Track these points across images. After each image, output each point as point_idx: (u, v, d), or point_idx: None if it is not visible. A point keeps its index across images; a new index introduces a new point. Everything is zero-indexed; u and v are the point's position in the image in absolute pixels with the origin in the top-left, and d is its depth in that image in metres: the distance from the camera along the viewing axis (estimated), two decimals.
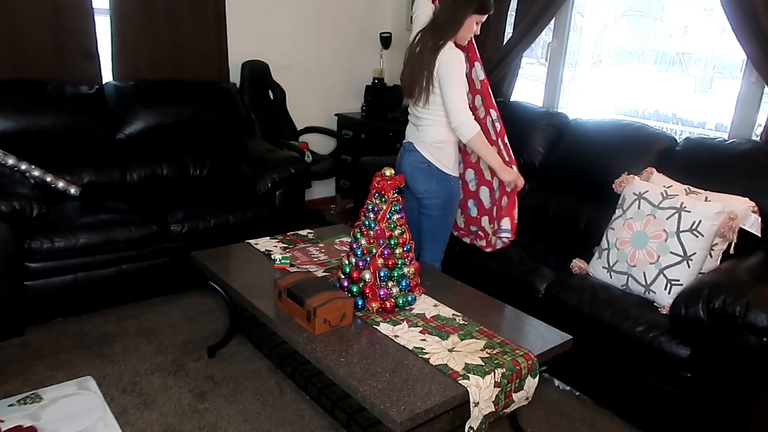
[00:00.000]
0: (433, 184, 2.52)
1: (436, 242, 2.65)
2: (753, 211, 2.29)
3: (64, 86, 3.13)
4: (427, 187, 2.53)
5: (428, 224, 2.61)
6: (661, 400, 2.11)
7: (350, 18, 4.50)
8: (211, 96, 3.59)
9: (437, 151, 2.49)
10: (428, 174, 2.52)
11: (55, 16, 3.15)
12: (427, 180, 2.52)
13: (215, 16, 3.69)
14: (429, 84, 2.38)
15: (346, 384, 1.65)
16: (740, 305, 1.84)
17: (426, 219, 2.61)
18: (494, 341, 1.87)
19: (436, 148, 2.49)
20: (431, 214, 2.58)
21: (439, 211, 2.58)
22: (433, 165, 2.50)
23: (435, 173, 2.51)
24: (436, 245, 2.66)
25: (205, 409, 2.22)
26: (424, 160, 2.50)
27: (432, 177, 2.51)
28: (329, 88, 4.56)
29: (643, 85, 3.48)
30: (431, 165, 2.50)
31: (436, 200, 2.55)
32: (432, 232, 2.63)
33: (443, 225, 2.64)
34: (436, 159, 2.50)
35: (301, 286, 1.96)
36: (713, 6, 3.09)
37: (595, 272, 2.48)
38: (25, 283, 2.54)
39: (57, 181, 2.84)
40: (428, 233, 2.63)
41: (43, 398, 2.16)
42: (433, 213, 2.58)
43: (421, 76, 2.39)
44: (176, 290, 3.05)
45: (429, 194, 2.54)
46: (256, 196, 3.21)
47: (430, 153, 2.50)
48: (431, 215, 2.59)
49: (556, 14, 3.43)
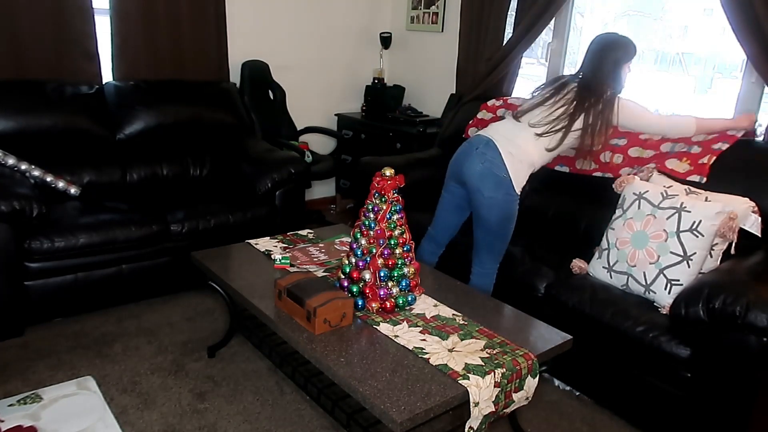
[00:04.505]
0: (501, 194, 2.39)
1: (493, 253, 2.52)
2: (753, 211, 2.29)
3: (64, 86, 3.13)
4: (493, 195, 2.39)
5: (485, 236, 2.49)
6: (661, 400, 2.11)
7: (350, 18, 4.50)
8: (211, 96, 3.59)
9: (519, 163, 2.39)
10: (500, 183, 2.38)
11: (55, 16, 3.15)
12: (497, 189, 2.38)
13: (215, 16, 3.69)
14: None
15: (346, 384, 1.65)
16: (740, 305, 1.84)
17: (482, 230, 2.49)
18: (494, 341, 1.87)
19: (520, 161, 2.39)
20: (489, 225, 2.45)
21: (498, 224, 2.45)
22: (509, 177, 2.37)
23: (506, 185, 2.38)
24: (493, 255, 2.53)
25: (205, 409, 2.22)
26: (504, 168, 2.37)
27: (502, 187, 2.38)
28: (329, 88, 4.56)
29: (643, 85, 3.48)
30: (508, 177, 2.37)
31: (496, 212, 2.41)
32: (490, 245, 2.50)
33: (502, 240, 2.50)
34: (515, 171, 2.39)
35: (301, 286, 1.96)
36: (713, 6, 3.09)
37: (595, 272, 2.48)
38: (25, 283, 2.54)
39: (57, 181, 2.84)
40: (486, 244, 2.50)
41: (43, 398, 2.16)
42: (492, 225, 2.45)
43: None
44: (176, 290, 3.05)
45: (492, 202, 2.39)
46: (256, 196, 3.21)
47: (513, 165, 2.38)
48: (489, 227, 2.46)
49: (556, 14, 3.43)
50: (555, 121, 2.43)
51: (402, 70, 4.66)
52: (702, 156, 2.50)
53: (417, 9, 4.43)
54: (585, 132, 2.44)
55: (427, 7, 4.35)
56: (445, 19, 4.23)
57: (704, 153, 2.50)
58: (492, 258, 2.54)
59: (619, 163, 2.73)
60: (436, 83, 4.34)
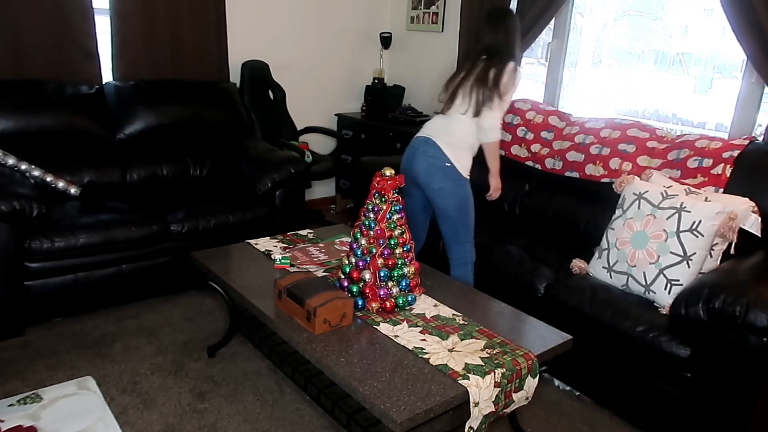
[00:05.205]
0: (449, 182, 2.56)
1: (461, 243, 2.65)
2: (753, 211, 2.29)
3: (64, 86, 3.13)
4: (442, 185, 2.56)
5: (448, 228, 2.64)
6: (661, 400, 2.11)
7: (350, 18, 4.50)
8: (211, 96, 3.59)
9: (458, 151, 2.56)
10: (445, 173, 2.55)
11: (55, 15, 3.15)
12: (444, 179, 2.56)
13: (215, 16, 3.69)
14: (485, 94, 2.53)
15: (346, 384, 1.65)
16: (740, 305, 1.84)
17: (445, 223, 2.64)
18: (494, 341, 1.87)
19: (458, 148, 2.56)
20: (449, 216, 2.61)
21: (456, 212, 2.60)
22: (453, 166, 2.54)
23: (452, 173, 2.55)
24: (462, 246, 2.66)
25: (205, 409, 2.22)
26: (445, 158, 2.54)
27: (448, 176, 2.55)
28: (329, 88, 4.56)
29: (643, 85, 3.48)
30: (452, 165, 2.54)
31: (451, 200, 2.58)
32: (455, 235, 2.64)
33: (464, 226, 2.64)
34: (457, 159, 2.55)
35: (301, 286, 1.96)
36: (713, 6, 3.09)
37: (595, 272, 2.48)
38: (25, 283, 2.54)
39: (57, 181, 2.84)
40: (452, 236, 2.65)
41: (43, 398, 2.16)
42: (451, 215, 2.60)
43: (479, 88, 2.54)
44: (176, 290, 3.05)
45: (443, 192, 2.57)
46: (256, 196, 3.21)
47: (453, 154, 2.55)
48: (449, 217, 2.61)
49: (556, 14, 3.43)
50: (475, 95, 2.54)
51: (402, 70, 4.66)
52: (714, 166, 2.49)
53: (417, 9, 4.43)
54: (487, 83, 2.52)
55: (427, 7, 4.35)
56: (445, 19, 4.23)
57: (716, 163, 2.49)
58: (461, 247, 2.66)
59: (629, 170, 2.73)
60: (437, 83, 4.30)
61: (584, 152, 2.91)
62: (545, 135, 3.13)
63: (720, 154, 2.50)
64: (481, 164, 2.67)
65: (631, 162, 2.74)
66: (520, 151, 3.20)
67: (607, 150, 2.84)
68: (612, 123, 2.95)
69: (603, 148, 2.85)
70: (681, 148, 2.62)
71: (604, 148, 2.85)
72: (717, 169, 2.47)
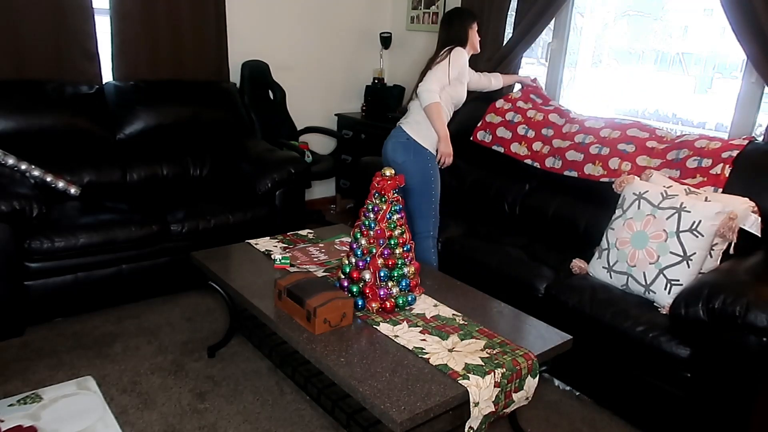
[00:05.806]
0: (411, 155, 2.78)
1: (424, 217, 2.84)
2: (753, 211, 2.29)
3: (64, 86, 3.13)
4: (404, 158, 2.79)
5: (413, 202, 2.80)
6: (661, 400, 2.11)
7: (350, 18, 4.50)
8: (211, 96, 3.59)
9: (417, 125, 2.80)
10: (406, 146, 2.80)
11: (55, 16, 3.15)
12: (405, 152, 2.80)
13: (215, 16, 3.69)
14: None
15: (346, 384, 1.65)
16: (740, 305, 1.84)
17: (410, 197, 2.79)
18: (494, 341, 1.88)
19: (416, 123, 2.80)
20: (413, 189, 2.77)
21: (420, 186, 2.78)
22: (411, 138, 2.78)
23: (413, 146, 2.78)
24: (425, 219, 2.85)
25: (205, 409, 2.22)
26: (405, 134, 2.80)
27: (409, 149, 2.79)
28: (329, 88, 4.56)
29: (643, 85, 3.48)
30: (410, 138, 2.79)
31: (415, 176, 2.75)
32: (419, 208, 2.83)
33: (427, 200, 2.82)
34: (416, 133, 2.78)
35: (301, 286, 1.96)
36: (713, 6, 3.09)
37: (595, 272, 2.48)
38: (25, 283, 2.54)
39: (57, 181, 2.84)
40: (416, 209, 2.83)
41: (43, 398, 2.16)
42: (415, 189, 2.77)
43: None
44: (176, 290, 3.05)
45: (406, 166, 2.75)
46: (256, 196, 3.21)
47: (411, 129, 2.80)
48: (414, 191, 2.77)
49: (556, 14, 3.43)
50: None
51: (402, 70, 4.66)
52: (713, 166, 2.49)
53: (417, 9, 4.43)
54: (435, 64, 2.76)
55: (427, 7, 4.35)
56: None
57: (715, 163, 2.49)
58: (425, 221, 2.85)
59: (628, 170, 2.73)
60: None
61: (583, 152, 2.91)
62: (545, 132, 3.13)
63: (719, 154, 2.50)
64: (480, 164, 2.67)
65: (630, 162, 2.74)
66: (520, 149, 3.20)
67: (606, 150, 2.84)
68: (612, 123, 2.95)
69: (602, 148, 2.85)
70: (680, 148, 2.62)
71: (603, 147, 2.85)
72: (716, 169, 2.47)
